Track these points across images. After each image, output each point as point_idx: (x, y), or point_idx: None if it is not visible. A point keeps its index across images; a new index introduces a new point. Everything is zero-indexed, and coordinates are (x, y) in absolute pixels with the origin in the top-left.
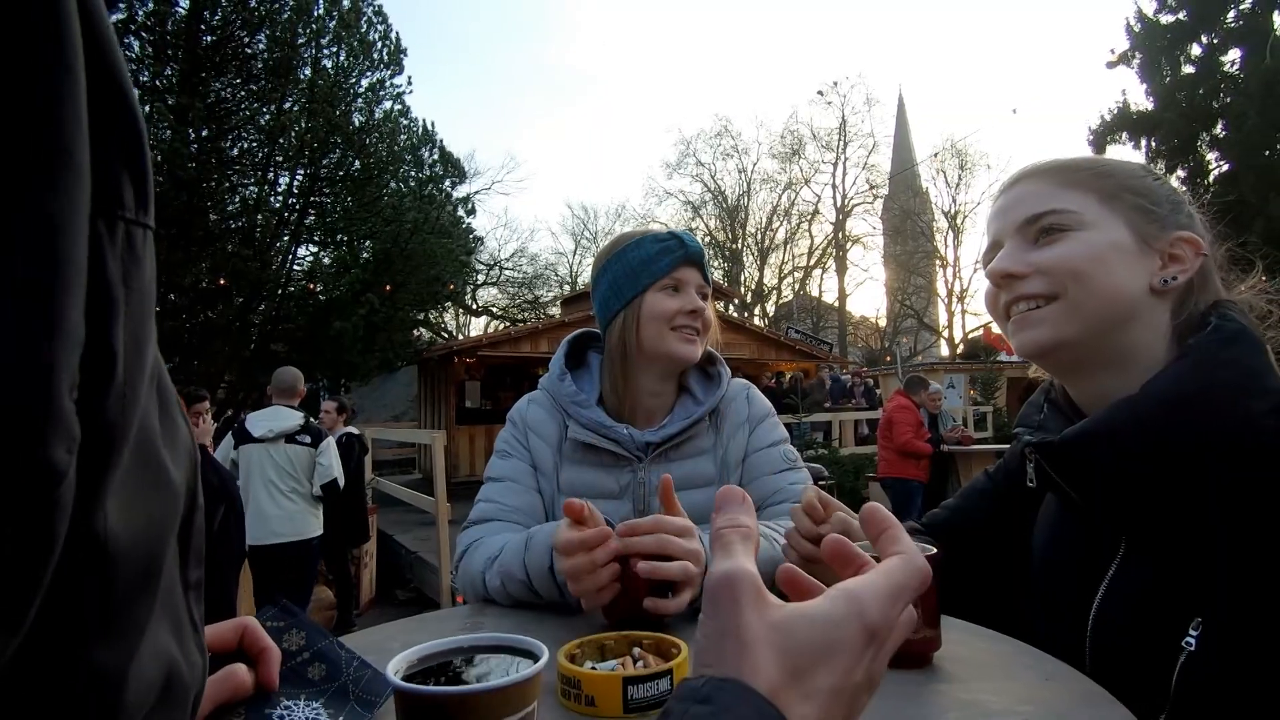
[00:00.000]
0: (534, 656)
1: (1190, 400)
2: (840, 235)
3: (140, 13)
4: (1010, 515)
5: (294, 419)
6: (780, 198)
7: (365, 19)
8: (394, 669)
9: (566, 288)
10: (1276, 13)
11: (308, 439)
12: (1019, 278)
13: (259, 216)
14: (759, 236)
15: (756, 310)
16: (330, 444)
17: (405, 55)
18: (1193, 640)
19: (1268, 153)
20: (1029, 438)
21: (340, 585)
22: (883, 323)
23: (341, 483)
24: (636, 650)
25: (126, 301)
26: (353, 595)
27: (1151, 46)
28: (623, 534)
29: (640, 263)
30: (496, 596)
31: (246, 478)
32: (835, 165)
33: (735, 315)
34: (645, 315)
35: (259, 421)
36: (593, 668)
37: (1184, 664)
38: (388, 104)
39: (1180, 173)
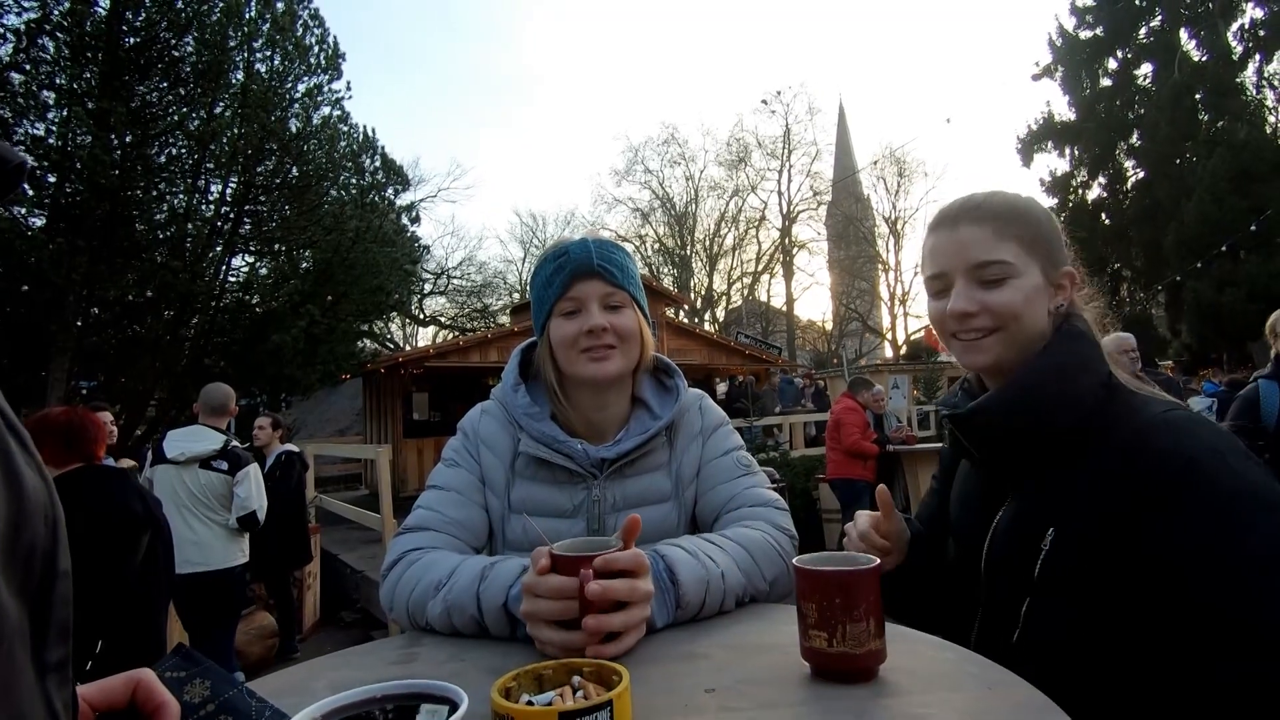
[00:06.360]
0: (453, 705)
1: (1042, 380)
2: (786, 241)
3: (55, 12)
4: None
5: (211, 442)
6: (728, 204)
7: (301, 22)
8: None
9: (516, 296)
10: (1183, 29)
11: (224, 465)
12: (972, 315)
13: (189, 226)
14: (707, 243)
15: (707, 316)
16: (250, 473)
17: (344, 60)
18: (1048, 543)
19: (1178, 161)
20: (945, 412)
21: (282, 610)
22: (829, 326)
23: (262, 516)
24: (576, 679)
25: None
26: (294, 620)
27: (1072, 60)
28: (599, 567)
29: (541, 287)
30: (437, 625)
31: (160, 501)
32: (780, 172)
33: (686, 321)
34: (554, 343)
35: (175, 441)
36: (529, 701)
37: (1043, 559)
38: (326, 109)
39: (1101, 179)
